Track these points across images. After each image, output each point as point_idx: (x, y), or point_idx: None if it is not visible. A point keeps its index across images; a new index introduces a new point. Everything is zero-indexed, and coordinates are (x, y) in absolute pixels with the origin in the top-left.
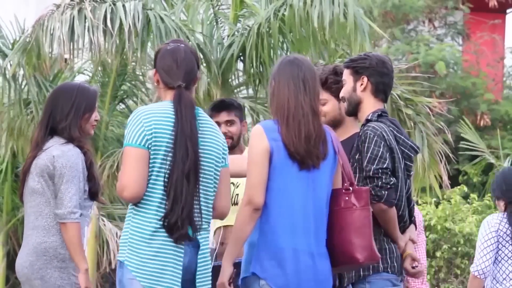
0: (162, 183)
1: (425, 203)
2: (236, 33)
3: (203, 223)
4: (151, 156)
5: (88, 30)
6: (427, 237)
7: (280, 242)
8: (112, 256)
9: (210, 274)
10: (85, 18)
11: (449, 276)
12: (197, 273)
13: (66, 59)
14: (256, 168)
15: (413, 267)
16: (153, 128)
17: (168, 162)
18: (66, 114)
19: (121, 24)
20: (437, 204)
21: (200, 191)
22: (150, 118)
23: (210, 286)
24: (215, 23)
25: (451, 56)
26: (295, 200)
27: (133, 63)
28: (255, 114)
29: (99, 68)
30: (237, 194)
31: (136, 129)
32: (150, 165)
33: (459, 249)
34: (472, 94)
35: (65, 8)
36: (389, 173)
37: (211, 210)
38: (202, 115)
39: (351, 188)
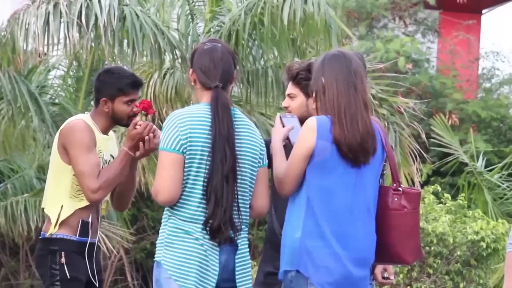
0: (201, 186)
1: None
2: (211, 29)
3: (242, 224)
4: (187, 160)
5: (64, 25)
6: None
7: (327, 246)
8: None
9: (250, 273)
10: (61, 13)
11: (421, 275)
12: (237, 272)
13: (39, 54)
14: (295, 160)
15: (383, 277)
16: (188, 133)
17: (205, 165)
18: None
19: (96, 19)
20: None
21: (238, 192)
22: (185, 122)
23: (250, 285)
24: (191, 20)
25: (415, 51)
26: (343, 200)
27: (110, 59)
28: None
29: (74, 63)
30: None
31: (171, 133)
32: (187, 169)
33: (432, 248)
34: (441, 93)
35: (41, 2)
36: None
37: (248, 210)
38: (238, 115)
39: (401, 189)
